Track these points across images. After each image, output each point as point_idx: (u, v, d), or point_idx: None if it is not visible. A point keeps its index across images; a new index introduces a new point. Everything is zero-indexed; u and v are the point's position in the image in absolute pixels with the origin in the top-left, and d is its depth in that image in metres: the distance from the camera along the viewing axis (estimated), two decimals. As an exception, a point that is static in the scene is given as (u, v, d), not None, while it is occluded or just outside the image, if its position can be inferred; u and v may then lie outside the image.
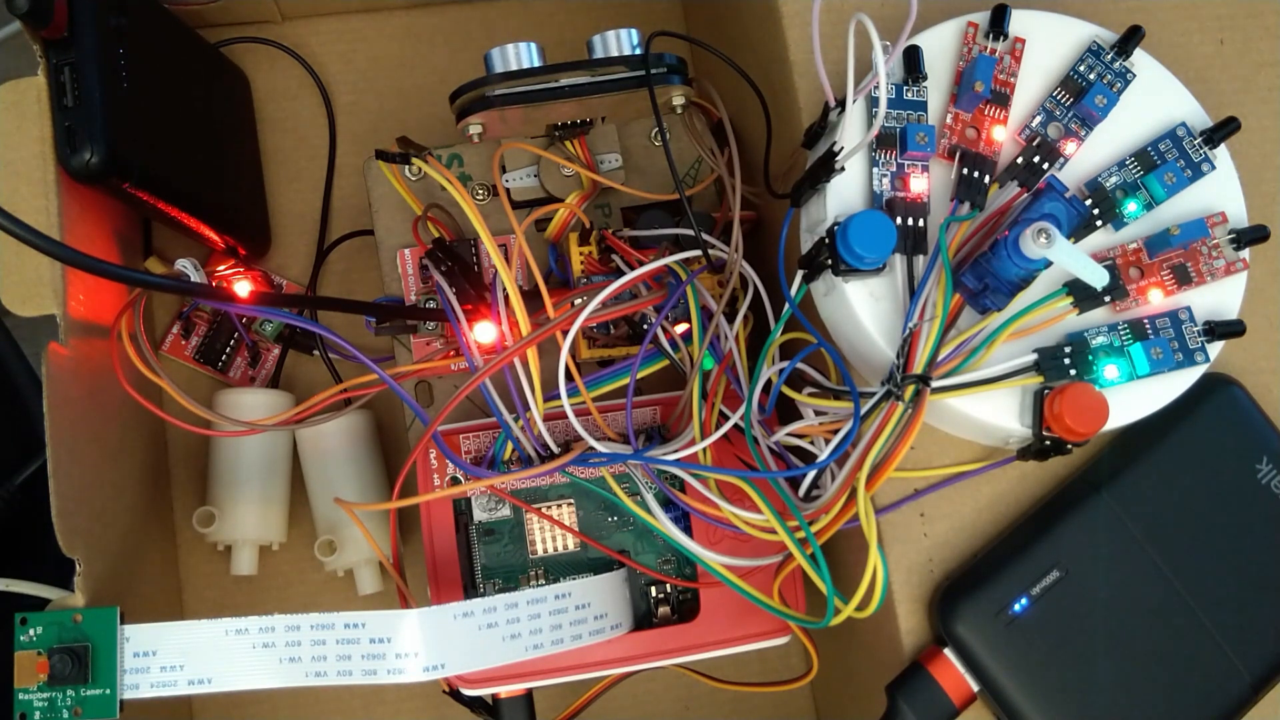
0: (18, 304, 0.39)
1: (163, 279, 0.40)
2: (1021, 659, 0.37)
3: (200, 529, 0.48)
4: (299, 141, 0.55)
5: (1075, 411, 0.34)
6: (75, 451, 0.39)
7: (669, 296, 0.41)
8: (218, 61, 0.52)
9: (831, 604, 0.35)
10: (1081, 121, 0.38)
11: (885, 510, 0.39)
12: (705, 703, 0.53)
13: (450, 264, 0.43)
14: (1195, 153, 0.38)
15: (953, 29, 0.38)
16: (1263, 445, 0.39)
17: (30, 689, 0.36)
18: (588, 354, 0.43)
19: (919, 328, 0.34)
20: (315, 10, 0.55)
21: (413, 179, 0.46)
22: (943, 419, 0.39)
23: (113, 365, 0.43)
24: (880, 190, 0.37)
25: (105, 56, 0.40)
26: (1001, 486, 0.40)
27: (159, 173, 0.43)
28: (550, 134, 0.45)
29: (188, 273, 0.45)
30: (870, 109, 0.37)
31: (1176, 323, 0.37)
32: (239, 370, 0.52)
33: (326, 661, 0.36)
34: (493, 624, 0.37)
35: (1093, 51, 0.38)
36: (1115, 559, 0.38)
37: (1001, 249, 0.33)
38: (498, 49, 0.42)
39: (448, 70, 0.56)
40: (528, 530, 0.44)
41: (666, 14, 0.58)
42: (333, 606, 0.36)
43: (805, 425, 0.38)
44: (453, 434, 0.43)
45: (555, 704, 0.45)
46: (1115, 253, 0.37)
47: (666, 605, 0.44)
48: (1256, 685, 0.37)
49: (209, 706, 0.52)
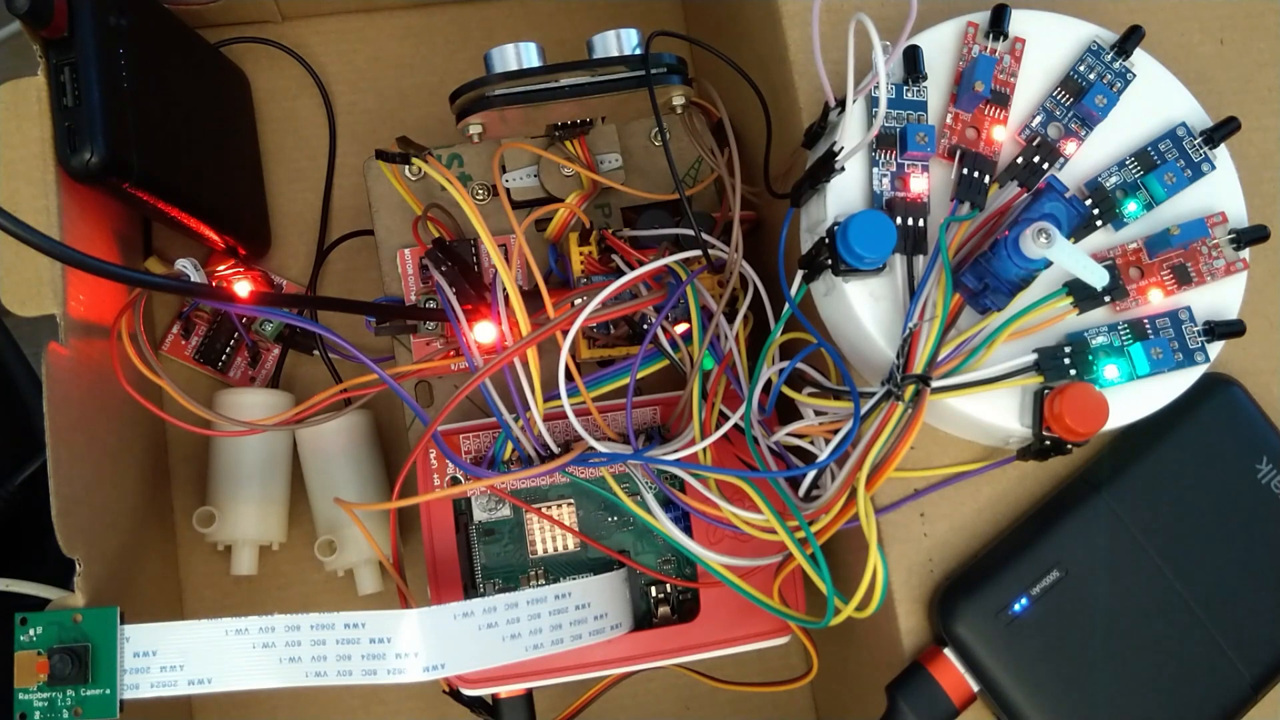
0: (18, 304, 0.39)
1: (163, 279, 0.40)
2: (1021, 659, 0.37)
3: (200, 529, 0.48)
4: (299, 141, 0.55)
5: (1076, 411, 0.34)
6: (75, 451, 0.39)
7: (669, 297, 0.41)
8: (218, 61, 0.52)
9: (831, 604, 0.35)
10: (1081, 121, 0.38)
11: (885, 510, 0.39)
12: (705, 702, 0.53)
13: (450, 264, 0.43)
14: (1195, 153, 0.38)
15: (952, 29, 0.38)
16: (1263, 445, 0.39)
17: (30, 689, 0.36)
18: (588, 354, 0.43)
19: (919, 328, 0.34)
20: (315, 10, 0.55)
21: (413, 179, 0.46)
22: (942, 419, 0.39)
23: (113, 365, 0.43)
24: (880, 190, 0.37)
25: (105, 56, 0.40)
26: (1001, 486, 0.40)
27: (159, 173, 0.43)
28: (550, 134, 0.45)
29: (188, 273, 0.45)
30: (870, 109, 0.37)
31: (1176, 323, 0.37)
32: (239, 370, 0.52)
33: (326, 661, 0.36)
34: (493, 624, 0.37)
35: (1093, 51, 0.38)
36: (1115, 559, 0.38)
37: (1001, 249, 0.33)
38: (497, 49, 0.42)
39: (448, 70, 0.56)
40: (528, 530, 0.44)
41: (666, 14, 0.58)
42: (333, 606, 0.36)
43: (805, 425, 0.38)
44: (453, 434, 0.43)
45: (555, 704, 0.45)
46: (1115, 253, 0.37)
47: (666, 605, 0.44)
48: (1256, 685, 0.37)
49: (209, 706, 0.52)
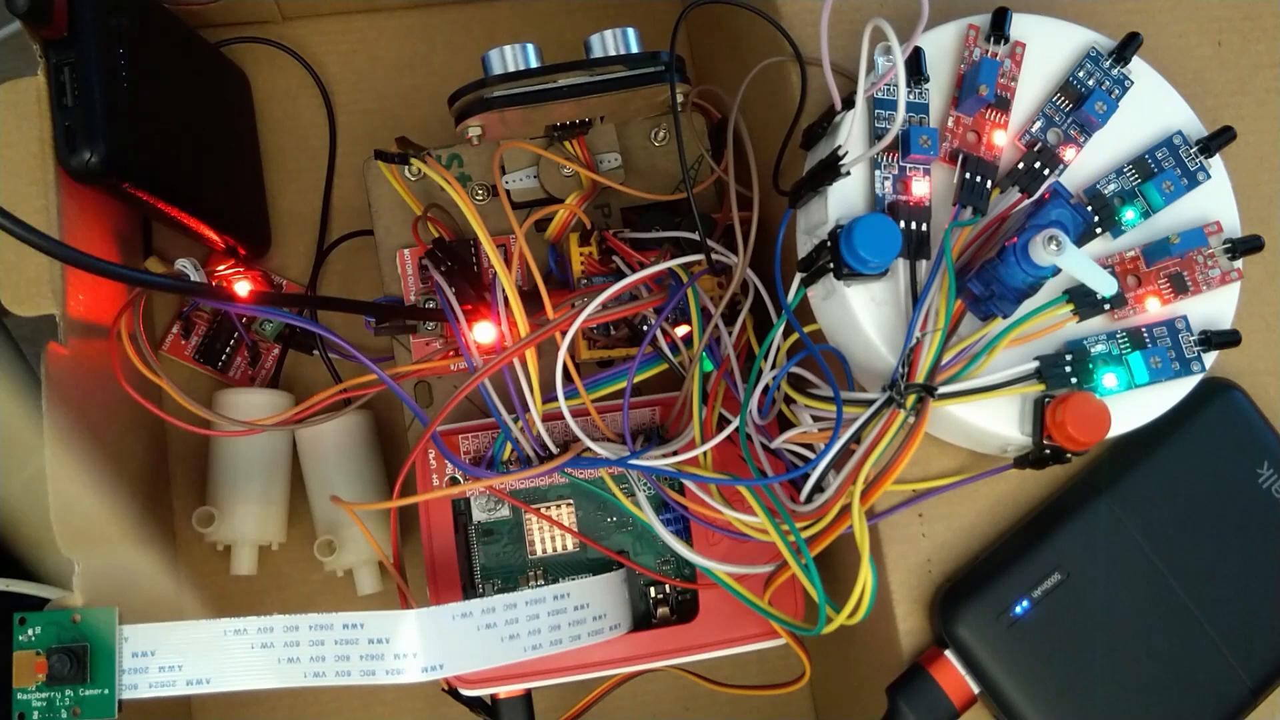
0: (17, 304, 0.39)
1: (163, 279, 0.40)
2: (1022, 661, 0.37)
3: (200, 529, 0.47)
4: (299, 141, 0.55)
5: (1078, 420, 0.34)
6: (75, 451, 0.39)
7: (669, 299, 0.41)
8: (218, 61, 0.52)
9: (823, 613, 0.35)
10: (1081, 128, 0.38)
11: (883, 515, 0.39)
12: (705, 703, 0.53)
13: (450, 264, 0.43)
14: (1191, 161, 0.38)
15: (953, 31, 0.38)
16: (1264, 450, 0.39)
17: (29, 689, 0.36)
18: (587, 355, 0.43)
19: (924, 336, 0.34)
20: (315, 10, 0.55)
21: (412, 179, 0.46)
22: (940, 426, 0.39)
23: (112, 365, 0.42)
24: (882, 193, 0.36)
25: (105, 56, 0.40)
26: (1000, 489, 0.40)
27: (159, 173, 0.43)
28: (549, 134, 0.45)
29: (188, 273, 0.45)
30: (872, 112, 0.37)
31: (1173, 332, 0.37)
32: (239, 370, 0.52)
33: (325, 662, 0.36)
34: (491, 624, 0.37)
35: (1091, 58, 0.38)
36: (1116, 562, 0.38)
37: (1010, 256, 0.33)
38: (495, 50, 0.42)
39: (448, 70, 0.56)
40: (527, 531, 0.44)
41: (666, 14, 0.58)
42: (332, 606, 0.36)
43: (803, 431, 0.38)
44: (452, 434, 0.43)
45: (555, 704, 0.45)
46: (1113, 260, 0.37)
47: (665, 606, 0.44)
48: (1256, 689, 0.37)
49: (207, 707, 0.52)
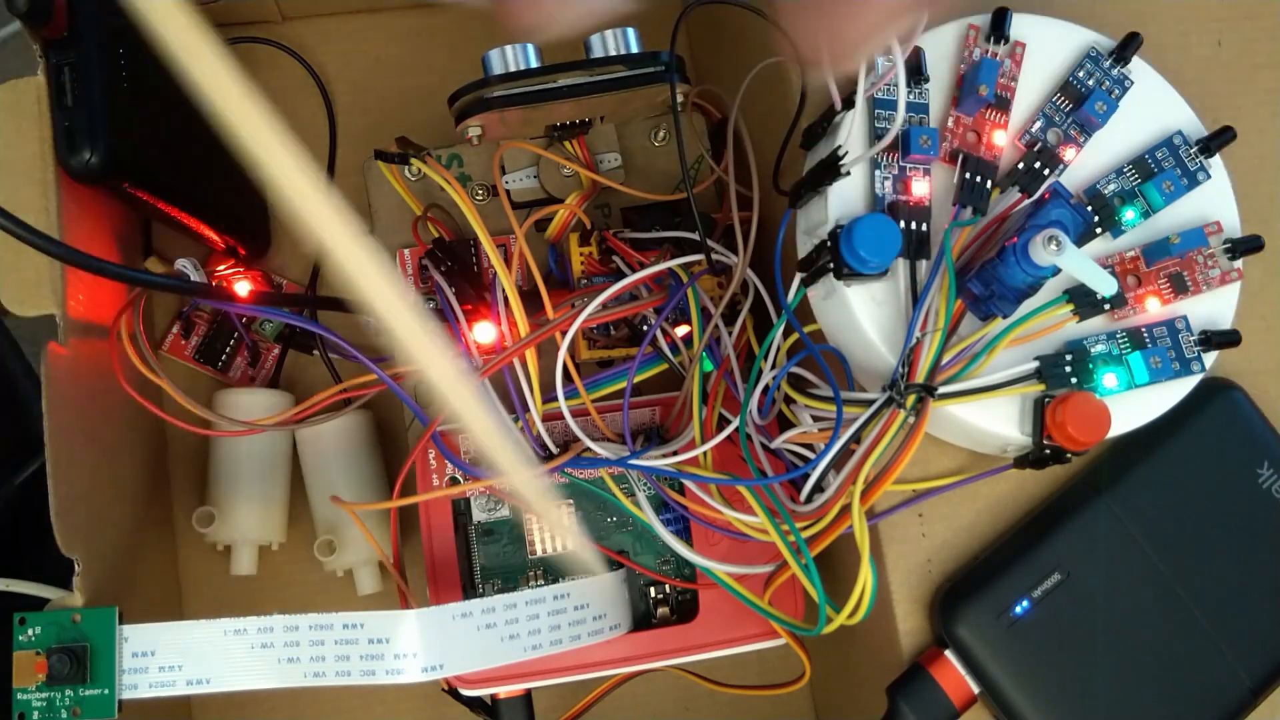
0: (17, 304, 0.38)
1: (163, 279, 0.40)
2: (1022, 661, 0.37)
3: (200, 529, 0.47)
4: (299, 142, 0.55)
5: (1078, 420, 0.34)
6: (74, 451, 0.39)
7: (668, 299, 0.41)
8: (218, 61, 0.52)
9: (823, 613, 0.35)
10: (1081, 128, 0.37)
11: (883, 515, 0.39)
12: (705, 703, 0.53)
13: (450, 264, 0.43)
14: (1191, 161, 0.38)
15: (953, 31, 0.38)
16: (1264, 450, 0.39)
17: (29, 689, 0.36)
18: (587, 355, 0.43)
19: (924, 336, 0.34)
20: (315, 10, 0.55)
21: (412, 179, 0.46)
22: (940, 426, 0.39)
23: (112, 365, 0.42)
24: (882, 193, 0.36)
25: (105, 56, 0.40)
26: (1000, 489, 0.40)
27: (159, 173, 0.43)
28: (549, 134, 0.45)
29: (188, 273, 0.45)
30: (872, 112, 0.37)
31: (1173, 332, 0.37)
32: (239, 370, 0.52)
33: (325, 662, 0.36)
34: (491, 624, 0.37)
35: (1091, 58, 0.38)
36: (1116, 562, 0.38)
37: (1010, 256, 0.33)
38: (495, 50, 0.42)
39: (448, 70, 0.56)
40: (526, 531, 0.44)
41: (666, 14, 0.58)
42: (332, 606, 0.36)
43: (803, 431, 0.38)
44: (452, 434, 0.43)
45: (554, 704, 0.45)
46: (1113, 260, 0.37)
47: (666, 606, 0.44)
48: (1256, 689, 0.37)
49: (207, 707, 0.52)
